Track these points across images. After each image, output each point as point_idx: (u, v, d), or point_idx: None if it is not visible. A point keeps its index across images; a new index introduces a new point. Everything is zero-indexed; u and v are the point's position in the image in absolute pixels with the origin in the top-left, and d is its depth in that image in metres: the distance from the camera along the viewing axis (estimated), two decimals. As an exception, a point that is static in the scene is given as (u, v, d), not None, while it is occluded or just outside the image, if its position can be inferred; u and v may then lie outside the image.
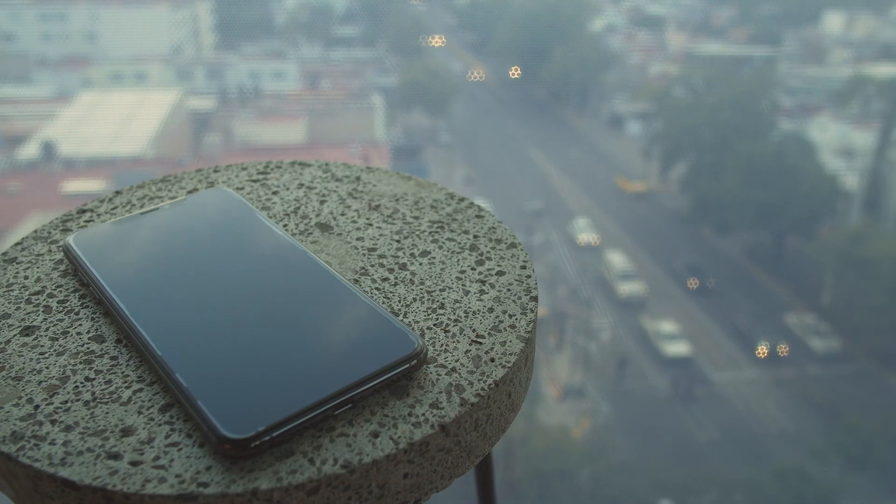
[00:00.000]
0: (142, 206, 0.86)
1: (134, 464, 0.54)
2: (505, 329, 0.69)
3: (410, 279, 0.75)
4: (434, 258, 0.78)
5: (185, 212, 0.81)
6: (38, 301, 0.71)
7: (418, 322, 0.69)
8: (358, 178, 0.93)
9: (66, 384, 0.61)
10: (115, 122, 24.42)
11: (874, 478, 14.68)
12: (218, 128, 26.47)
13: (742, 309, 20.16)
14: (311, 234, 0.82)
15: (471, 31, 38.83)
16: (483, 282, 0.75)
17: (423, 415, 0.59)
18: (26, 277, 0.75)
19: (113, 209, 0.86)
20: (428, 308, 0.71)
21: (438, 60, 33.87)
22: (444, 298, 0.72)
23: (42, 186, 20.58)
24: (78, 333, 0.67)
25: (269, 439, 0.54)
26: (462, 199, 0.88)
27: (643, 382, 17.29)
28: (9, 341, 0.66)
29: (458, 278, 0.75)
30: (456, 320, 0.70)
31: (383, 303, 0.72)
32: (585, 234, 22.66)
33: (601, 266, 21.39)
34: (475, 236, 0.82)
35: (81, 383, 0.61)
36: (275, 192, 0.89)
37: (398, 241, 0.80)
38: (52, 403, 0.59)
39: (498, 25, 34.69)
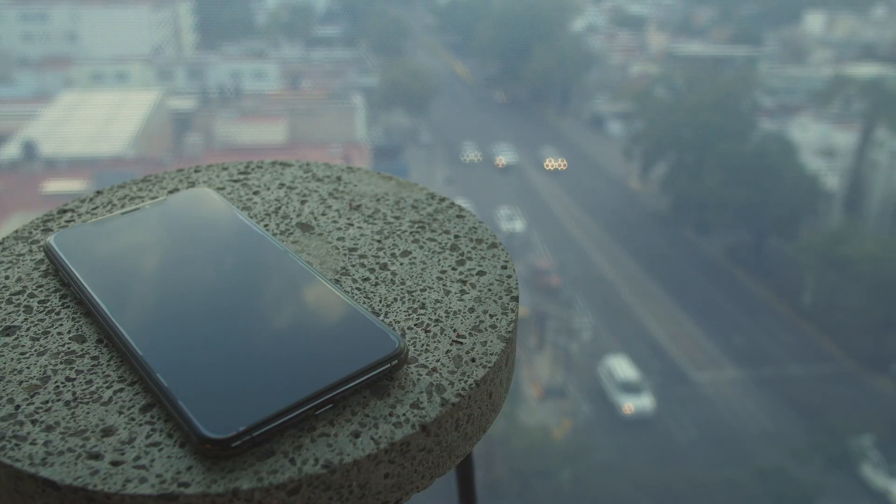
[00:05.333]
0: (123, 207, 0.85)
1: (115, 464, 0.54)
2: (486, 329, 0.69)
3: (391, 279, 0.75)
4: (415, 258, 0.78)
5: (166, 212, 0.80)
6: (18, 301, 0.71)
7: (399, 322, 0.69)
8: (339, 178, 0.93)
9: (46, 384, 0.61)
10: (95, 122, 24.34)
11: (854, 478, 14.75)
12: (199, 128, 26.41)
13: (723, 308, 20.24)
14: (292, 234, 0.81)
15: (452, 32, 38.85)
16: (464, 282, 0.75)
17: (404, 415, 0.59)
18: (7, 277, 0.74)
19: (94, 209, 0.86)
20: (409, 308, 0.71)
21: (419, 60, 33.86)
22: (424, 298, 0.72)
23: (23, 186, 20.51)
24: (59, 333, 0.67)
25: (249, 439, 0.54)
26: (443, 199, 0.88)
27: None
28: (-11, 342, 0.66)
29: (439, 278, 0.75)
30: (437, 320, 0.70)
31: (364, 303, 0.72)
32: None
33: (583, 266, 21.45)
34: (456, 236, 0.82)
35: (62, 383, 0.61)
36: (256, 192, 0.89)
37: (379, 241, 0.80)
38: (33, 403, 0.59)
39: (479, 25, 34.70)
